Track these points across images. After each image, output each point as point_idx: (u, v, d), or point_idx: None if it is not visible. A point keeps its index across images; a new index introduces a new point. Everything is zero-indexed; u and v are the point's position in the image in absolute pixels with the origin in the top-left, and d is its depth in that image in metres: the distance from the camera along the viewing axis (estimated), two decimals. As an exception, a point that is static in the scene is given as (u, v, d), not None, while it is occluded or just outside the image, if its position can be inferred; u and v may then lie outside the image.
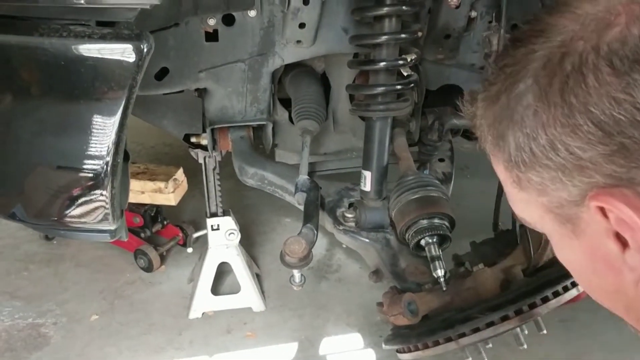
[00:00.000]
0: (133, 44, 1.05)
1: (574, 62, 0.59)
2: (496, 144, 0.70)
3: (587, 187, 0.62)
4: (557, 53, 0.61)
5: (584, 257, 0.69)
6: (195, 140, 2.02)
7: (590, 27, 0.60)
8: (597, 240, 0.65)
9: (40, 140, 1.18)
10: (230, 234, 2.32)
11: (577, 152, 0.60)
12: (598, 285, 0.71)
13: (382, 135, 1.71)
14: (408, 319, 1.51)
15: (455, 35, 1.86)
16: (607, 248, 0.64)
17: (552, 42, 0.62)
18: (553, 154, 0.62)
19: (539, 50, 0.63)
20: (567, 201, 0.65)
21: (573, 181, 0.62)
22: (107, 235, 1.26)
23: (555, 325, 2.26)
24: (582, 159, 0.60)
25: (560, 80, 0.60)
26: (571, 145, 0.60)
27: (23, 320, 2.43)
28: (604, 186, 0.60)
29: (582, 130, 0.59)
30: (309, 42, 1.75)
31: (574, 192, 0.63)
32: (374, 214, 1.77)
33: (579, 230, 0.67)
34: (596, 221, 0.63)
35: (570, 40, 0.61)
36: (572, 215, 0.66)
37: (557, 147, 0.61)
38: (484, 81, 0.71)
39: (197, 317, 2.43)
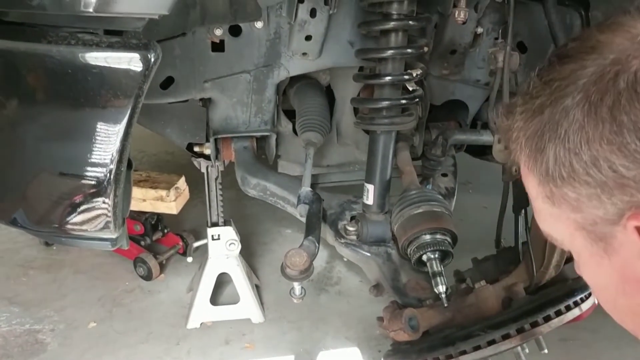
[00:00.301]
0: (140, 53, 1.05)
1: (627, 80, 0.59)
2: (534, 157, 0.69)
3: (626, 207, 0.62)
4: (611, 70, 0.61)
5: (614, 276, 0.69)
6: (198, 149, 2.02)
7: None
8: (629, 261, 0.65)
9: (44, 147, 1.18)
10: (230, 244, 2.31)
11: (621, 170, 0.60)
12: (625, 305, 0.71)
13: (385, 149, 1.71)
14: (409, 334, 1.50)
15: (461, 50, 1.87)
16: (639, 269, 0.64)
17: (604, 60, 0.62)
18: (594, 170, 0.62)
19: (590, 67, 0.63)
20: (602, 219, 0.65)
21: (612, 199, 0.62)
22: (108, 243, 1.25)
23: (556, 344, 2.24)
24: (625, 177, 0.60)
25: (611, 97, 0.60)
26: (615, 162, 0.60)
27: (20, 326, 2.41)
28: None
29: (629, 148, 0.59)
30: (314, 54, 1.76)
31: (612, 211, 0.63)
32: (376, 228, 1.77)
33: (611, 250, 0.67)
34: (631, 241, 0.63)
35: (626, 58, 0.61)
36: (606, 234, 0.66)
37: (600, 163, 0.61)
38: (525, 95, 0.70)
39: (196, 327, 2.41)
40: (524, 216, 1.78)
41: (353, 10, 1.71)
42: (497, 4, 1.77)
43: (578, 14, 1.78)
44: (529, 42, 1.88)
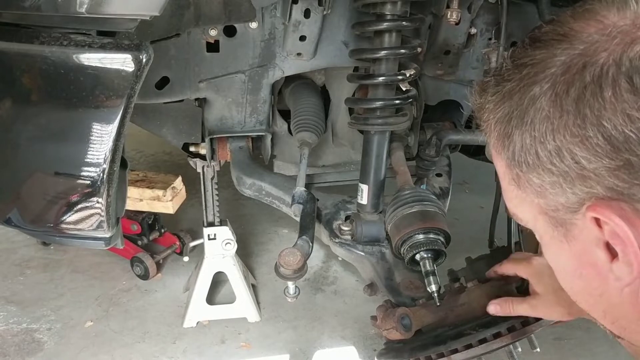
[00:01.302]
0: (132, 54, 1.06)
1: (593, 74, 0.59)
2: (502, 141, 0.70)
3: (586, 197, 0.63)
4: (578, 62, 0.61)
5: (572, 261, 0.71)
6: (194, 149, 2.03)
7: (615, 39, 0.60)
8: (587, 247, 0.67)
9: (38, 147, 1.18)
10: (226, 243, 2.31)
11: (583, 162, 0.61)
12: (581, 288, 0.73)
13: (379, 149, 1.71)
14: (401, 333, 1.51)
15: (454, 51, 1.87)
16: (596, 256, 0.66)
17: (574, 50, 0.62)
18: (558, 160, 0.63)
19: (560, 56, 0.63)
20: (563, 206, 0.66)
21: (573, 189, 0.63)
22: (102, 242, 1.26)
23: (549, 343, 2.26)
24: (586, 169, 0.61)
25: (577, 90, 0.60)
26: (578, 154, 0.61)
27: (17, 325, 2.42)
28: (602, 198, 0.61)
29: (591, 142, 0.59)
30: (309, 54, 1.77)
31: (572, 199, 0.64)
32: (370, 228, 1.78)
33: (571, 236, 0.68)
34: (589, 229, 0.64)
35: (594, 50, 0.61)
36: (566, 221, 0.67)
37: (564, 154, 0.62)
38: (497, 76, 0.71)
39: (192, 326, 2.42)
40: (517, 216, 1.79)
41: (347, 11, 1.72)
42: (491, 5, 1.78)
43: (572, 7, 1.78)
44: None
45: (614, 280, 0.66)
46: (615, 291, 0.67)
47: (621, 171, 0.59)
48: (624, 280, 0.64)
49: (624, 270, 0.63)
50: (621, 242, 0.61)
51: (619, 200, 0.60)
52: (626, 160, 0.58)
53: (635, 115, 0.57)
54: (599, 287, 0.69)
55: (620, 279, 0.65)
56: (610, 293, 0.68)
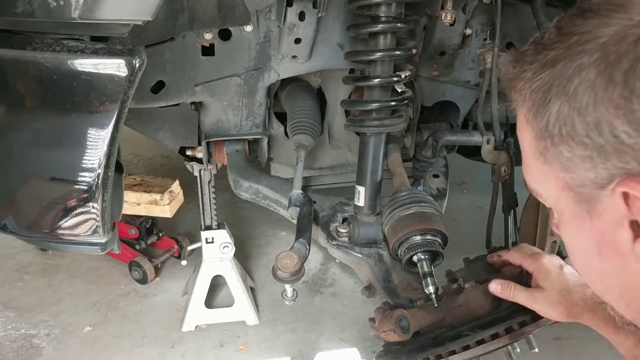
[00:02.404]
0: (125, 59, 1.06)
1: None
2: (535, 110, 0.68)
3: (619, 172, 0.62)
4: (635, 32, 0.60)
5: (592, 239, 0.70)
6: (190, 153, 2.03)
7: None
8: (610, 226, 0.66)
9: (32, 153, 1.18)
10: (224, 247, 2.31)
11: (622, 136, 0.60)
12: (598, 268, 0.72)
13: (376, 151, 1.71)
14: (399, 335, 1.50)
15: (450, 52, 1.87)
16: (618, 235, 0.65)
17: (630, 21, 0.61)
18: (595, 133, 0.62)
19: (614, 26, 0.61)
20: (591, 182, 0.65)
21: (606, 164, 0.62)
22: (98, 248, 1.26)
23: (548, 343, 2.26)
24: (625, 144, 0.60)
25: (629, 61, 0.59)
26: (618, 128, 0.60)
27: (16, 330, 2.42)
28: (636, 174, 0.60)
29: (635, 115, 0.59)
30: (304, 57, 1.77)
31: (602, 175, 0.63)
32: (368, 229, 1.77)
33: (595, 213, 0.67)
34: (616, 206, 0.64)
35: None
36: (592, 197, 0.66)
37: (602, 127, 0.61)
38: (538, 45, 0.69)
39: (191, 330, 2.42)
40: (514, 216, 1.79)
41: (342, 13, 1.72)
42: (485, 5, 1.78)
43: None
44: (517, 43, 1.89)
45: (635, 261, 0.65)
46: (634, 272, 0.66)
47: None
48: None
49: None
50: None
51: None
52: None
53: None
54: (618, 268, 0.68)
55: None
56: (629, 274, 0.67)
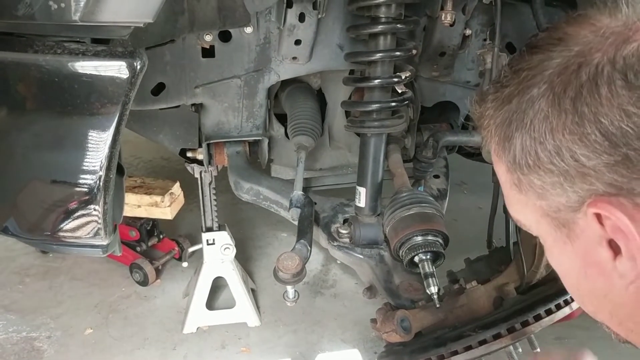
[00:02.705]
0: (126, 61, 1.06)
1: (589, 72, 0.61)
2: (502, 145, 0.71)
3: (587, 195, 0.64)
4: (574, 62, 0.63)
5: (576, 261, 0.71)
6: (191, 154, 2.03)
7: (608, 40, 0.62)
8: (590, 246, 0.67)
9: (33, 155, 1.18)
10: (225, 248, 2.31)
11: (582, 159, 0.62)
12: (587, 289, 0.73)
13: (376, 152, 1.71)
14: (401, 336, 1.51)
15: (450, 52, 1.87)
16: (599, 254, 0.66)
17: (569, 51, 0.64)
18: (558, 159, 0.64)
19: (556, 58, 0.65)
20: (565, 206, 0.67)
21: (574, 187, 0.64)
22: (100, 250, 1.26)
23: (551, 343, 2.25)
24: (586, 167, 0.62)
25: (574, 89, 0.62)
26: (577, 152, 0.62)
27: (17, 333, 2.41)
28: (603, 194, 0.62)
29: (589, 139, 0.61)
30: (304, 58, 1.77)
31: (573, 198, 0.65)
32: (368, 230, 1.77)
33: (574, 235, 0.69)
34: (591, 228, 0.65)
35: (589, 50, 0.63)
36: (569, 220, 0.68)
37: (563, 153, 0.63)
38: (496, 83, 0.72)
39: (192, 331, 2.42)
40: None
41: (342, 14, 1.72)
42: (485, 6, 1.78)
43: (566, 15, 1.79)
44: (517, 43, 1.89)
45: (618, 279, 0.66)
46: (620, 290, 0.67)
47: (620, 166, 0.60)
48: (628, 277, 0.65)
49: (628, 266, 0.64)
50: (624, 237, 0.62)
51: (619, 195, 0.61)
52: (624, 155, 0.59)
53: (631, 110, 0.58)
54: (604, 287, 0.69)
55: (624, 276, 0.65)
56: (615, 293, 0.68)
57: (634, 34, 0.61)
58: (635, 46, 0.60)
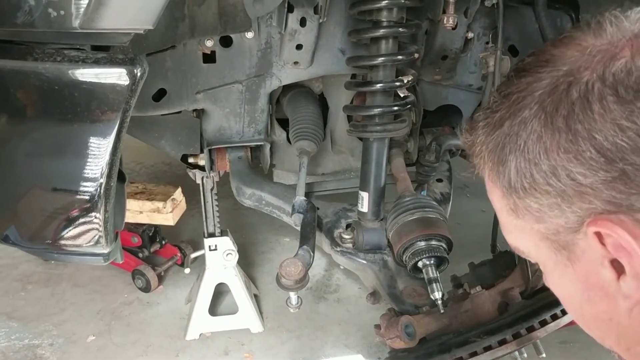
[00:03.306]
0: (127, 68, 1.05)
1: (580, 90, 0.61)
2: (496, 170, 0.70)
3: (586, 214, 0.63)
4: (564, 81, 0.63)
5: (578, 284, 0.69)
6: (192, 160, 2.02)
7: (596, 58, 0.62)
8: (592, 268, 0.66)
9: (34, 163, 1.18)
10: (228, 254, 2.30)
11: (579, 177, 0.61)
12: (590, 313, 0.71)
13: (379, 156, 1.71)
14: (405, 342, 1.50)
15: (452, 56, 1.87)
16: (602, 275, 0.65)
17: (558, 71, 0.64)
18: (554, 179, 0.63)
19: (545, 79, 0.65)
20: (564, 228, 0.66)
21: (572, 207, 0.63)
22: (101, 258, 1.25)
23: (555, 347, 2.24)
24: (583, 185, 0.61)
25: (566, 107, 0.62)
26: (573, 171, 0.61)
27: (19, 341, 2.40)
28: (602, 212, 0.61)
29: (584, 156, 0.60)
30: (306, 63, 1.76)
31: (572, 219, 0.64)
32: (372, 235, 1.77)
33: (574, 258, 0.67)
34: (592, 248, 0.64)
35: (577, 69, 0.62)
36: (568, 242, 0.67)
37: (559, 172, 0.63)
38: (486, 109, 0.72)
39: (195, 338, 2.40)
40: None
41: (343, 19, 1.71)
42: (487, 9, 1.77)
43: (568, 17, 1.78)
44: (520, 46, 1.89)
45: (622, 300, 0.64)
46: (625, 313, 0.65)
47: (617, 182, 0.59)
48: (632, 297, 0.63)
49: (632, 285, 0.62)
50: (627, 254, 0.61)
51: (618, 212, 0.60)
52: (621, 170, 0.59)
53: (625, 124, 0.58)
54: (608, 310, 0.68)
55: (629, 297, 0.64)
56: (620, 316, 0.66)
57: (620, 51, 0.61)
58: (623, 62, 0.60)
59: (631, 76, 0.58)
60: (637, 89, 0.58)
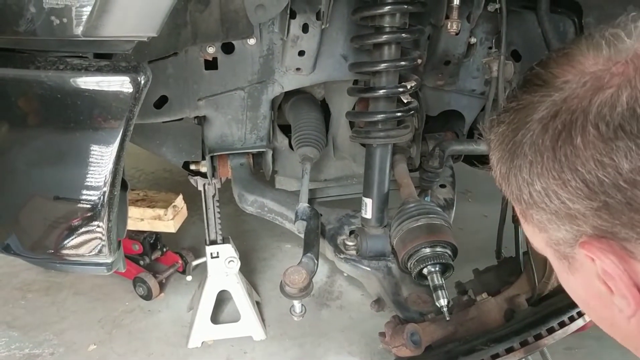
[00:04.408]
0: (130, 76, 1.04)
1: (564, 121, 0.62)
2: (503, 178, 0.73)
3: (578, 234, 0.65)
4: (552, 109, 0.64)
5: (580, 292, 0.73)
6: (194, 167, 2.01)
7: (585, 85, 0.62)
8: (589, 280, 0.68)
9: (37, 172, 1.16)
10: (229, 261, 2.29)
11: (567, 202, 0.63)
12: (596, 317, 0.75)
13: (382, 162, 1.70)
14: (411, 350, 1.48)
15: (455, 61, 1.86)
16: (598, 288, 0.67)
17: (549, 96, 0.65)
18: (547, 200, 0.65)
19: (538, 103, 0.66)
20: (563, 241, 0.68)
21: (565, 227, 0.66)
22: (104, 268, 1.24)
23: (561, 353, 2.22)
24: (572, 209, 0.63)
25: (551, 137, 0.63)
26: (562, 196, 0.63)
27: (19, 350, 2.38)
28: (592, 235, 0.63)
29: (570, 185, 0.62)
30: (308, 69, 1.75)
31: (568, 236, 0.66)
32: (375, 242, 1.75)
33: (574, 269, 0.70)
34: (587, 264, 0.66)
35: (565, 98, 0.63)
36: (568, 254, 0.69)
37: (550, 195, 0.65)
38: (499, 115, 0.74)
39: (197, 346, 2.39)
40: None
41: (345, 25, 1.71)
42: (490, 14, 1.77)
43: (571, 21, 1.78)
44: (523, 51, 1.88)
45: (618, 312, 0.66)
46: (623, 322, 0.67)
47: (602, 212, 0.61)
48: (625, 312, 0.65)
49: (623, 303, 0.64)
50: (611, 278, 0.63)
51: (606, 237, 0.62)
52: (604, 201, 0.60)
53: (605, 161, 0.59)
54: (609, 318, 0.70)
55: (623, 311, 0.65)
56: (620, 323, 0.68)
57: (610, 79, 0.60)
58: (609, 94, 0.59)
59: (614, 111, 0.58)
60: (617, 125, 0.58)
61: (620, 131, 0.57)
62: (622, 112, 0.58)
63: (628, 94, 0.58)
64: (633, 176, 0.57)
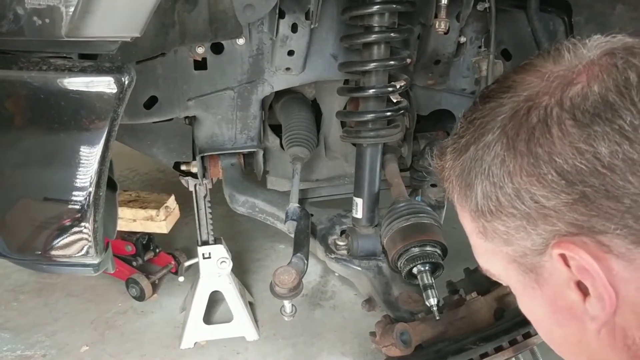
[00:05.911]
0: (114, 76, 1.04)
1: (539, 115, 0.63)
2: (464, 194, 0.72)
3: (550, 236, 0.64)
4: (524, 106, 0.65)
5: (547, 307, 0.70)
6: (185, 168, 2.01)
7: (554, 83, 0.64)
8: (558, 290, 0.67)
9: (21, 173, 1.16)
10: (222, 262, 2.28)
11: (542, 200, 0.63)
12: (561, 336, 0.72)
13: (373, 162, 1.70)
14: (401, 349, 1.48)
15: (444, 60, 1.86)
16: (568, 298, 0.66)
17: (518, 97, 0.66)
18: (518, 202, 0.65)
19: (507, 104, 0.67)
20: (530, 250, 0.67)
21: (537, 230, 0.65)
22: (91, 269, 1.23)
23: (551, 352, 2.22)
24: (546, 207, 0.63)
25: (526, 131, 0.63)
26: (536, 194, 0.63)
27: (11, 352, 2.38)
28: (565, 234, 0.63)
29: (546, 179, 0.62)
30: (298, 69, 1.75)
31: (538, 241, 0.65)
32: (366, 242, 1.75)
33: (542, 280, 0.68)
34: (558, 270, 0.65)
35: (536, 94, 0.65)
36: (535, 264, 0.68)
37: (523, 195, 0.64)
38: (454, 135, 0.74)
39: (190, 347, 2.38)
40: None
41: (335, 24, 1.71)
42: (479, 13, 1.77)
43: (561, 20, 1.78)
44: (513, 50, 1.88)
45: (590, 322, 0.65)
46: (593, 334, 0.66)
47: (578, 205, 0.61)
48: (599, 318, 0.64)
49: (597, 307, 0.63)
50: (589, 276, 0.62)
51: (581, 234, 0.62)
52: (581, 192, 0.60)
53: (583, 147, 0.59)
54: (577, 333, 0.68)
55: (596, 318, 0.64)
56: (589, 337, 0.67)
57: (577, 76, 0.63)
58: (579, 87, 0.61)
59: (587, 100, 0.60)
60: (593, 113, 0.59)
61: (596, 117, 0.59)
62: (595, 100, 0.60)
63: (598, 84, 0.60)
64: (612, 161, 0.58)
